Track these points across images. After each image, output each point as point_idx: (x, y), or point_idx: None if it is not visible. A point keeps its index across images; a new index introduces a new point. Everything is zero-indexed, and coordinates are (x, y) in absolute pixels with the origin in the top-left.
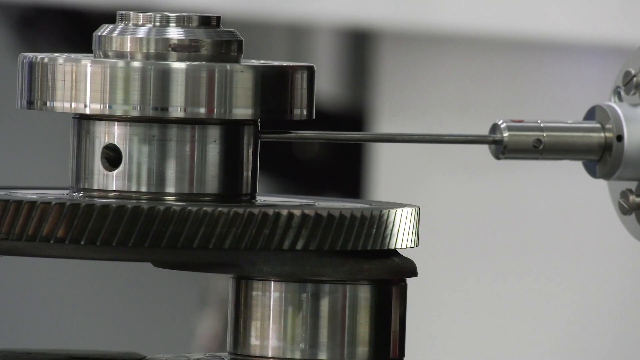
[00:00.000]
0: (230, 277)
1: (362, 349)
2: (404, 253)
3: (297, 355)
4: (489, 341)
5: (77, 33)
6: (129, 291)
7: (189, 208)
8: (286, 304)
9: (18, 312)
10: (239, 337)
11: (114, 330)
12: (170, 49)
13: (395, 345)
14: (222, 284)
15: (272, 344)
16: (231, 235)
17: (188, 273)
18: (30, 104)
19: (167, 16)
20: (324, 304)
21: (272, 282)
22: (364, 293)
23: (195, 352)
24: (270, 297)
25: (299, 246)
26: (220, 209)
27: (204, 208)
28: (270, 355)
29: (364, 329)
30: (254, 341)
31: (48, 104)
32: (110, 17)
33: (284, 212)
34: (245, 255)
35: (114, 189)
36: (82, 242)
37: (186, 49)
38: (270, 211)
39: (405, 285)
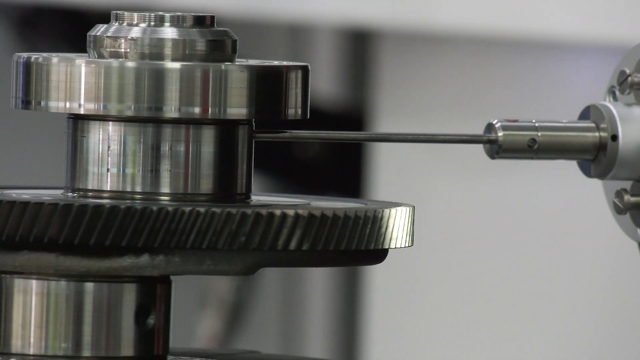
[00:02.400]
0: None
1: (127, 346)
2: (399, 252)
3: (60, 353)
4: (488, 341)
5: (77, 33)
6: None
7: (182, 208)
8: (47, 302)
9: None
10: None
11: None
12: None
13: (160, 343)
14: (222, 284)
15: (33, 343)
16: (224, 235)
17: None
18: (25, 103)
19: (162, 16)
20: (88, 302)
21: (34, 280)
22: (128, 292)
23: None
24: (32, 294)
25: (292, 246)
26: (213, 209)
27: (197, 208)
28: (31, 353)
29: (127, 327)
30: (15, 340)
31: (42, 103)
32: (110, 17)
33: (277, 212)
34: None
35: (108, 189)
36: (76, 242)
37: (180, 49)
38: (264, 211)
39: (170, 284)
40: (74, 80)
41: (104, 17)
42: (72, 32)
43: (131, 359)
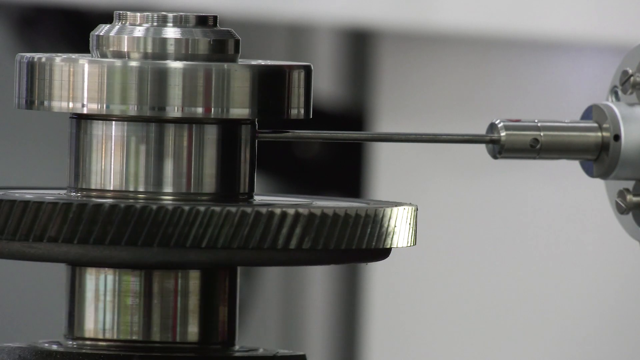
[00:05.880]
0: None
1: (192, 331)
2: (401, 252)
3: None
4: (489, 340)
5: (77, 33)
6: None
7: (183, 207)
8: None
9: (18, 311)
10: None
11: None
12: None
13: (225, 330)
14: None
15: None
16: (224, 234)
17: None
18: (28, 103)
19: (165, 16)
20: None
21: None
22: (194, 279)
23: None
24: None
25: (292, 245)
26: (213, 207)
27: (197, 207)
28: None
29: (194, 314)
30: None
31: (45, 103)
32: (110, 17)
33: (278, 211)
34: None
35: (111, 188)
36: (75, 242)
37: (183, 49)
38: (264, 210)
39: (235, 271)
40: (77, 80)
41: (105, 17)
42: (72, 32)
43: None
